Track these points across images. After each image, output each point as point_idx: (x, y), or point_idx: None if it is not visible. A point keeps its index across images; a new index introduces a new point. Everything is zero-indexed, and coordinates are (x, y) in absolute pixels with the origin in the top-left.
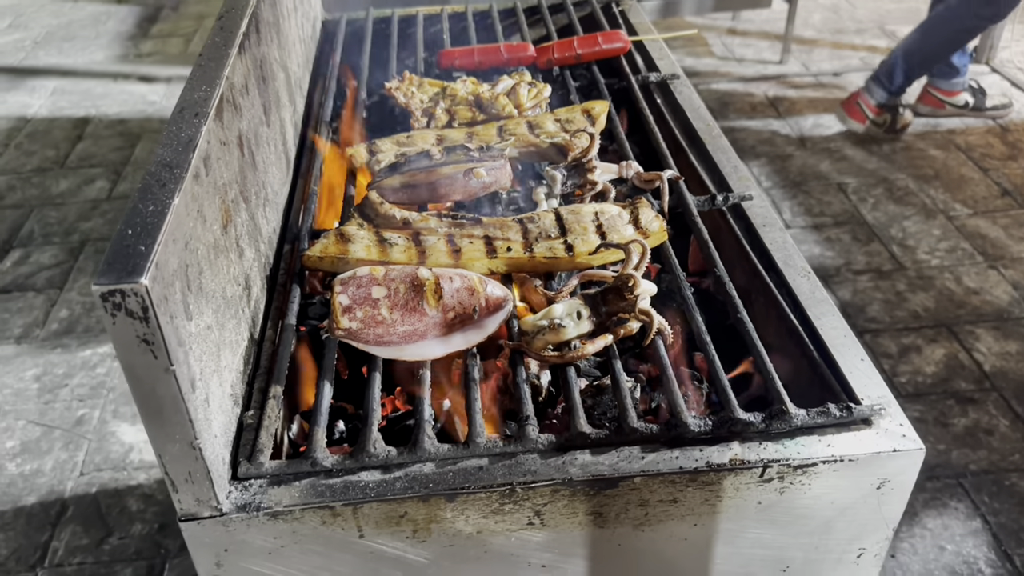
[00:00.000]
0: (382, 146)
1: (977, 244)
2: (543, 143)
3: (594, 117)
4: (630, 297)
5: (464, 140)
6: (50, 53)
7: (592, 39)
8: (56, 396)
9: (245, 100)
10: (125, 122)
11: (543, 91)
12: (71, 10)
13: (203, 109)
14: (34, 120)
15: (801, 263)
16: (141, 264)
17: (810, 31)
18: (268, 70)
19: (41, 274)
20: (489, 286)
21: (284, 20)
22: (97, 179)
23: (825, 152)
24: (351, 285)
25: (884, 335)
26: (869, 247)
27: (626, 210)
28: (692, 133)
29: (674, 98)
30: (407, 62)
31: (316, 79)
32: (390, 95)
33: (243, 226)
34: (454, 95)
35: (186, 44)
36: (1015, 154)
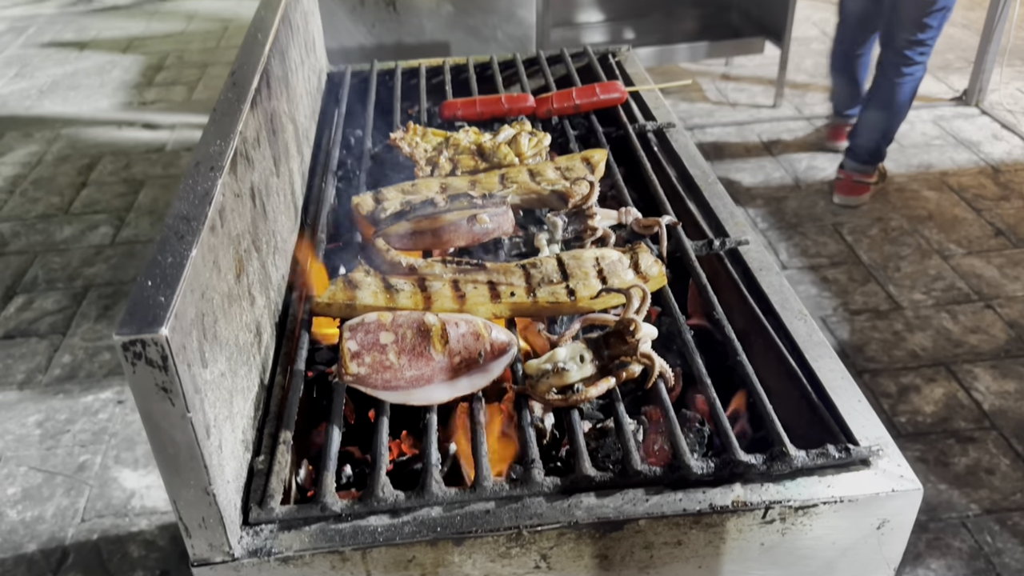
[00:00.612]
0: (387, 194)
1: (972, 284)
2: (544, 190)
3: (593, 165)
4: (631, 341)
5: (467, 188)
6: (55, 101)
7: (590, 90)
8: (58, 442)
9: (257, 153)
10: (129, 168)
11: (543, 140)
12: (77, 59)
13: (218, 163)
14: (40, 167)
15: (798, 306)
16: (161, 315)
17: (802, 75)
18: (278, 123)
19: (44, 319)
20: (494, 331)
21: (292, 74)
22: (101, 225)
23: (820, 194)
24: (359, 331)
25: (883, 375)
26: (866, 287)
27: (626, 255)
28: (689, 180)
29: (670, 146)
30: (411, 112)
31: (322, 129)
32: (395, 145)
33: (255, 274)
34: (457, 144)
35: (190, 92)
36: (1007, 194)
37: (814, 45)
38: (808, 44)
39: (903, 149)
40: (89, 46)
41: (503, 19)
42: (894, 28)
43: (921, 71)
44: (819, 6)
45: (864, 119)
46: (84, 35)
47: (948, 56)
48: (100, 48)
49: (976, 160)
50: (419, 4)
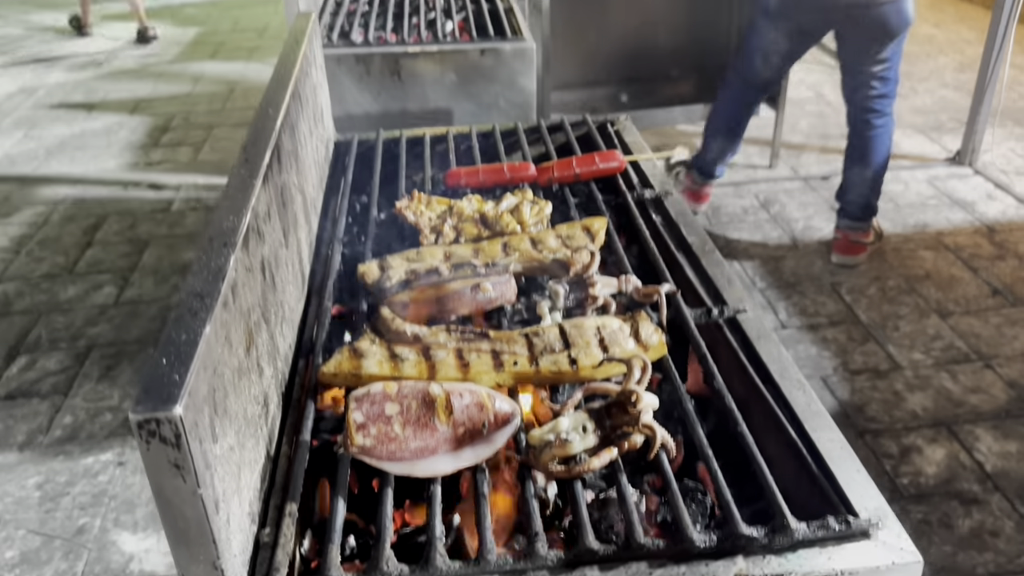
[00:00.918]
0: (393, 262)
1: (971, 343)
2: (546, 258)
3: (593, 233)
4: (633, 411)
5: (471, 256)
6: (62, 162)
7: (590, 159)
8: (57, 504)
9: (267, 226)
10: (134, 228)
11: (544, 208)
12: (85, 120)
13: (231, 239)
14: (46, 227)
15: (796, 375)
16: (176, 393)
17: (798, 136)
18: (288, 195)
19: (47, 380)
20: (497, 401)
21: (301, 147)
22: (105, 285)
23: (817, 253)
24: (365, 402)
25: (884, 435)
26: (865, 347)
27: (627, 324)
28: (687, 247)
29: (668, 213)
30: (415, 178)
31: (329, 197)
32: (400, 214)
33: (263, 346)
34: (461, 213)
35: (195, 152)
36: (1003, 254)
37: (808, 107)
38: (803, 106)
39: (899, 209)
40: (97, 107)
41: (505, 87)
42: (853, 87)
43: (890, 121)
44: (812, 68)
45: (849, 177)
46: (92, 97)
47: (941, 117)
48: (108, 109)
49: (971, 220)
50: (423, 73)
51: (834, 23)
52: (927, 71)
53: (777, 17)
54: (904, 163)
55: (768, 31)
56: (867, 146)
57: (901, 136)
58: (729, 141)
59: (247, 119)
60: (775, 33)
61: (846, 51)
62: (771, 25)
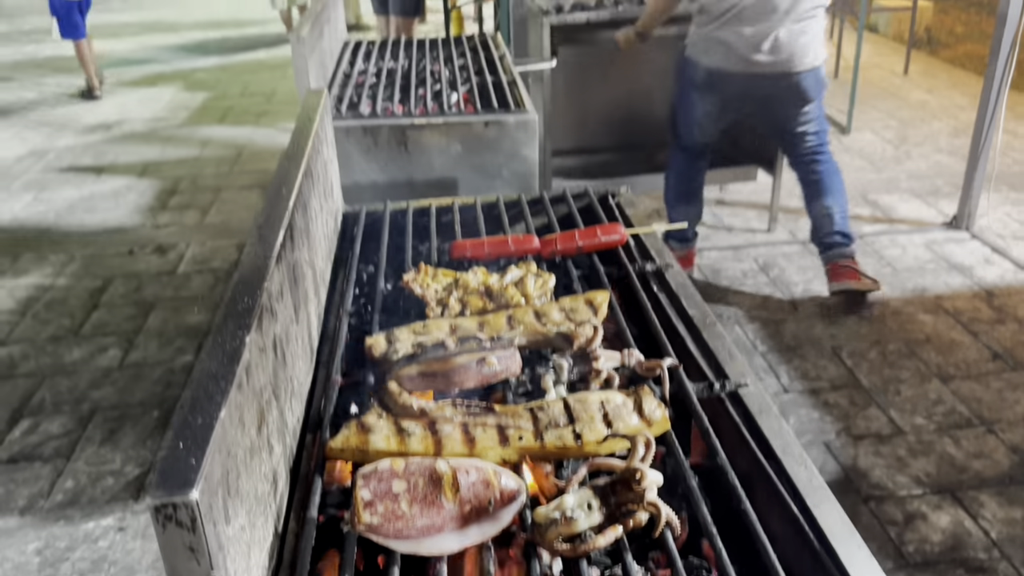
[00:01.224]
0: (400, 335)
1: (973, 408)
2: (550, 332)
3: (596, 306)
4: (638, 489)
5: (476, 329)
6: (71, 224)
7: (592, 232)
8: (57, 571)
9: (280, 304)
10: (140, 291)
11: (548, 281)
12: (94, 183)
13: (245, 321)
14: (52, 289)
15: (798, 451)
16: (192, 477)
17: (795, 201)
18: (299, 271)
19: (49, 443)
20: (503, 478)
21: (312, 223)
22: (110, 348)
23: (817, 317)
24: (372, 479)
25: (888, 502)
26: (867, 411)
27: (630, 398)
28: (688, 320)
29: (669, 286)
30: (421, 248)
31: (337, 269)
32: (407, 287)
33: (274, 423)
34: (466, 285)
35: (202, 215)
36: (1002, 318)
37: None
38: None
39: (897, 273)
40: (106, 171)
41: (508, 157)
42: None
43: (831, 156)
44: None
45: (817, 217)
46: (101, 160)
47: (937, 182)
48: (116, 172)
49: (970, 284)
50: (429, 144)
51: (759, 93)
52: (922, 136)
53: (706, 91)
54: (901, 227)
55: (700, 104)
56: (820, 184)
57: (898, 200)
58: (691, 207)
59: (254, 182)
60: (708, 106)
61: (772, 117)
62: (702, 98)
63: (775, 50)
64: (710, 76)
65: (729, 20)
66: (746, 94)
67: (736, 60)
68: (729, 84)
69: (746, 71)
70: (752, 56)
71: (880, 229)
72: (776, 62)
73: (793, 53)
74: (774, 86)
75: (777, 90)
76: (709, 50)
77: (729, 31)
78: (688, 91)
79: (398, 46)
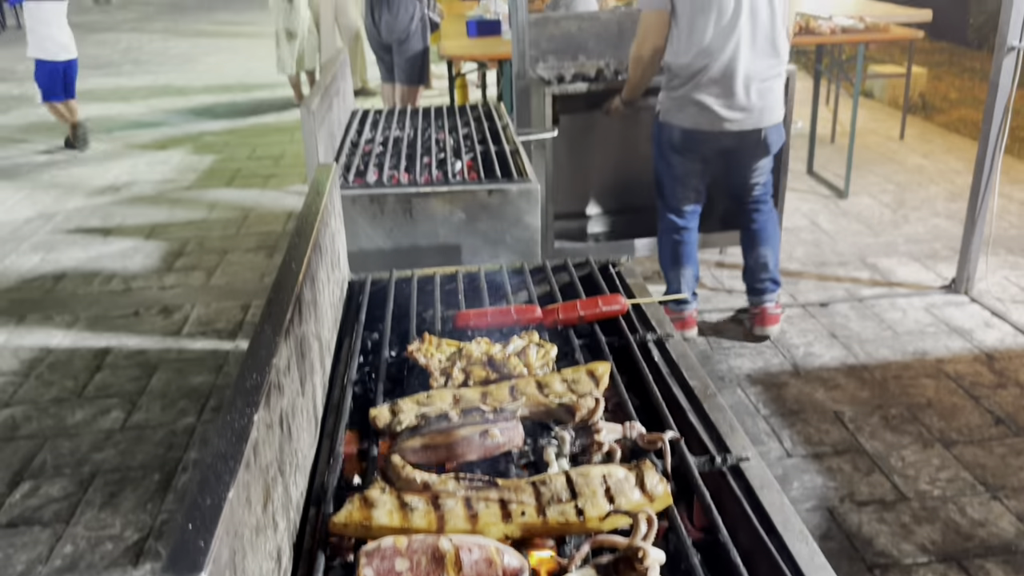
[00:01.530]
0: (403, 406)
1: (977, 474)
2: (552, 403)
3: (598, 378)
4: (640, 568)
5: (479, 400)
6: (77, 285)
7: (593, 302)
8: None
9: (287, 379)
10: (144, 352)
11: (550, 351)
12: (101, 244)
13: (254, 398)
14: (56, 351)
15: (799, 527)
16: (201, 560)
17: (795, 264)
18: (306, 344)
19: (49, 507)
20: (506, 556)
21: (320, 294)
22: (113, 409)
23: (819, 380)
24: (376, 557)
25: (894, 570)
26: (870, 477)
27: (632, 472)
28: (689, 391)
29: (670, 356)
30: (425, 315)
31: (343, 338)
32: (411, 358)
33: (279, 500)
34: (470, 355)
35: (208, 277)
36: (1003, 382)
37: (804, 235)
38: (798, 233)
39: (897, 336)
40: (113, 232)
41: (511, 224)
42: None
43: (772, 206)
44: (807, 198)
45: (756, 261)
46: (109, 222)
47: (935, 245)
48: (124, 234)
49: (970, 348)
50: (434, 211)
51: (728, 148)
52: (919, 200)
53: (684, 151)
54: (901, 291)
55: (680, 165)
56: (762, 233)
57: (896, 264)
58: (686, 268)
59: (260, 243)
60: (687, 165)
61: (735, 170)
62: (681, 159)
63: (745, 108)
64: (685, 136)
65: (700, 82)
66: (719, 150)
67: (709, 119)
68: (703, 142)
69: (719, 129)
70: (724, 114)
71: (879, 292)
72: (746, 119)
73: (763, 109)
74: (743, 141)
75: (745, 144)
76: (682, 111)
77: (701, 93)
78: (667, 153)
79: (404, 115)
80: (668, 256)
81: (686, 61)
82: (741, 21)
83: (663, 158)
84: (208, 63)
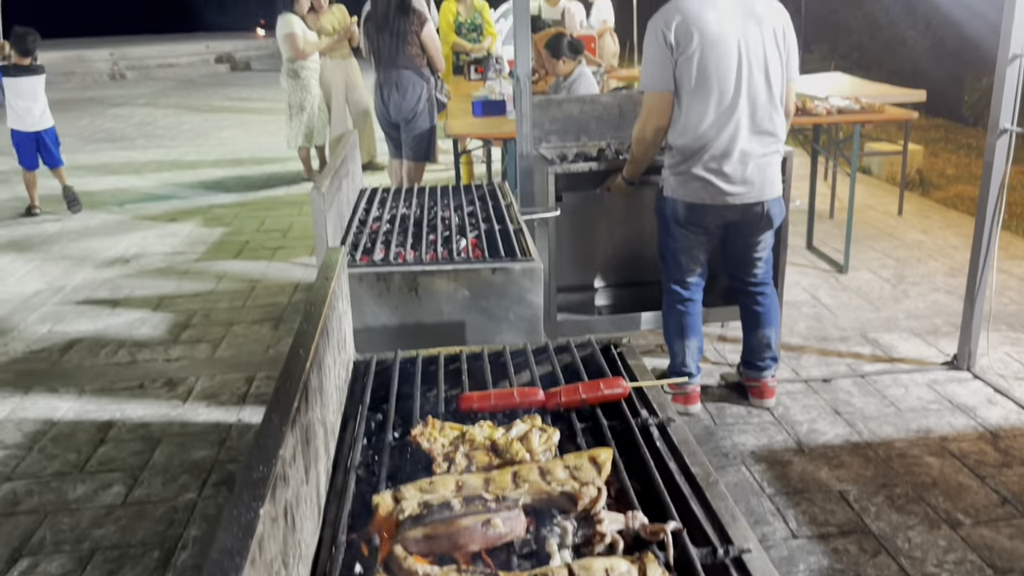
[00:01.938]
0: (406, 493)
1: (985, 556)
2: (554, 491)
3: (600, 464)
4: None
5: (482, 486)
6: (84, 356)
7: (595, 385)
8: None
9: (292, 469)
10: (147, 426)
11: (552, 436)
12: (108, 316)
13: (260, 491)
14: (60, 423)
15: None
16: None
17: (796, 339)
18: (312, 431)
19: None
20: None
21: (326, 378)
22: (114, 484)
23: (823, 458)
24: None
25: None
26: (877, 559)
27: (634, 565)
28: (691, 478)
29: (672, 441)
30: (429, 395)
31: (347, 420)
32: (415, 442)
33: None
34: (473, 440)
35: (213, 349)
36: (1009, 461)
37: (805, 309)
38: (799, 308)
39: (901, 413)
40: (121, 304)
41: (514, 302)
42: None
43: (774, 287)
44: (807, 272)
45: (759, 341)
46: (117, 293)
47: (936, 321)
48: (131, 306)
49: (974, 425)
50: (439, 290)
51: (732, 221)
52: (919, 275)
53: (688, 224)
54: (903, 367)
55: (684, 238)
56: (766, 316)
57: (898, 339)
58: (690, 340)
59: (266, 316)
60: (692, 237)
61: (738, 242)
62: (686, 232)
63: (747, 182)
64: (690, 210)
65: (701, 160)
66: (723, 223)
67: (712, 194)
68: (707, 216)
69: (722, 203)
70: (726, 188)
71: (881, 368)
72: (749, 192)
73: (763, 183)
74: (745, 214)
75: (748, 216)
76: (686, 187)
77: (702, 170)
78: (671, 227)
79: (411, 193)
80: (673, 328)
81: (687, 142)
82: (740, 104)
83: (668, 232)
84: (220, 137)
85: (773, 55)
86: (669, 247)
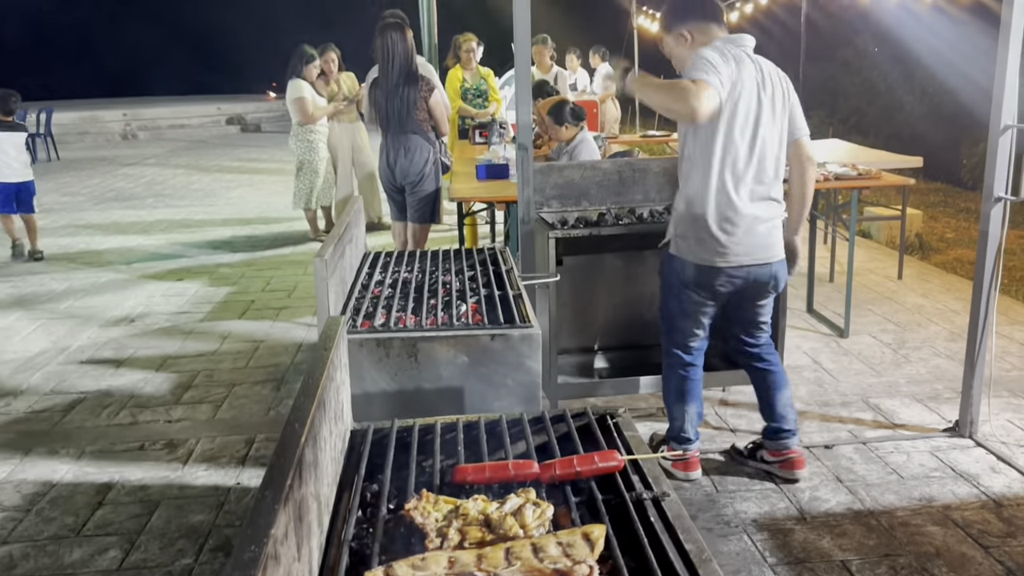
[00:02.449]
0: (399, 570)
1: None
2: (546, 569)
3: (592, 541)
4: None
5: (474, 563)
6: (85, 417)
7: (590, 458)
8: None
9: (284, 548)
10: (146, 489)
11: (546, 511)
12: (111, 376)
13: (251, 572)
14: (59, 485)
15: None
16: None
17: (798, 404)
18: (305, 507)
19: None
20: None
21: (321, 452)
22: (111, 548)
23: (825, 526)
24: None
25: None
26: None
27: None
28: (685, 555)
29: (667, 517)
30: (425, 465)
31: (341, 492)
32: (408, 516)
33: None
34: (466, 514)
35: (215, 410)
36: (1012, 531)
37: (806, 373)
38: (800, 372)
39: (903, 481)
40: (125, 364)
41: (512, 368)
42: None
43: (776, 352)
44: (808, 336)
45: (779, 406)
46: (122, 353)
47: (937, 386)
48: (135, 366)
49: (977, 494)
50: (438, 356)
51: (740, 283)
52: (919, 340)
53: (695, 286)
54: (904, 433)
55: (691, 299)
56: (781, 375)
57: (899, 405)
58: (690, 405)
59: (268, 376)
60: (697, 300)
61: (744, 307)
62: (692, 294)
63: (756, 245)
64: (698, 272)
65: (715, 220)
66: (730, 285)
67: (722, 255)
68: (715, 277)
69: (731, 264)
70: (736, 249)
71: (883, 435)
72: (756, 254)
73: (769, 245)
74: (752, 274)
75: (755, 278)
76: (696, 247)
77: (716, 228)
78: (677, 288)
79: (414, 257)
80: (673, 392)
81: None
82: (751, 168)
83: (673, 294)
84: (229, 197)
85: (780, 124)
86: (673, 310)
